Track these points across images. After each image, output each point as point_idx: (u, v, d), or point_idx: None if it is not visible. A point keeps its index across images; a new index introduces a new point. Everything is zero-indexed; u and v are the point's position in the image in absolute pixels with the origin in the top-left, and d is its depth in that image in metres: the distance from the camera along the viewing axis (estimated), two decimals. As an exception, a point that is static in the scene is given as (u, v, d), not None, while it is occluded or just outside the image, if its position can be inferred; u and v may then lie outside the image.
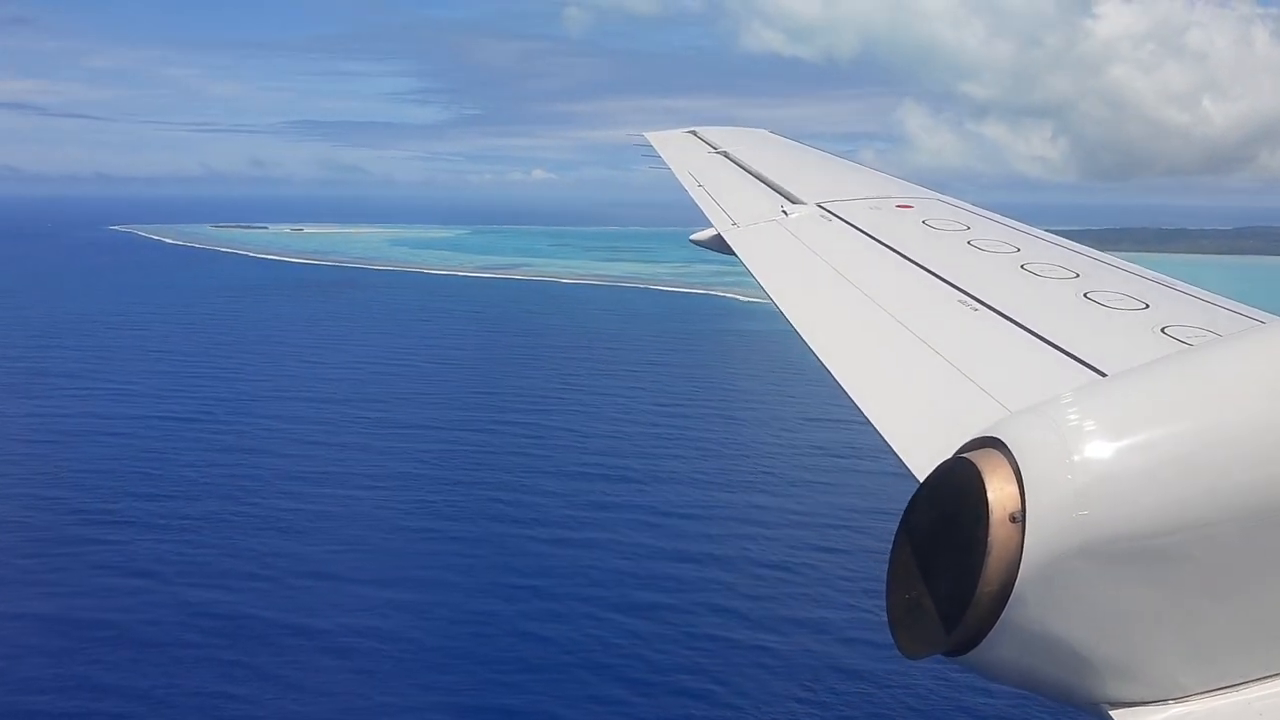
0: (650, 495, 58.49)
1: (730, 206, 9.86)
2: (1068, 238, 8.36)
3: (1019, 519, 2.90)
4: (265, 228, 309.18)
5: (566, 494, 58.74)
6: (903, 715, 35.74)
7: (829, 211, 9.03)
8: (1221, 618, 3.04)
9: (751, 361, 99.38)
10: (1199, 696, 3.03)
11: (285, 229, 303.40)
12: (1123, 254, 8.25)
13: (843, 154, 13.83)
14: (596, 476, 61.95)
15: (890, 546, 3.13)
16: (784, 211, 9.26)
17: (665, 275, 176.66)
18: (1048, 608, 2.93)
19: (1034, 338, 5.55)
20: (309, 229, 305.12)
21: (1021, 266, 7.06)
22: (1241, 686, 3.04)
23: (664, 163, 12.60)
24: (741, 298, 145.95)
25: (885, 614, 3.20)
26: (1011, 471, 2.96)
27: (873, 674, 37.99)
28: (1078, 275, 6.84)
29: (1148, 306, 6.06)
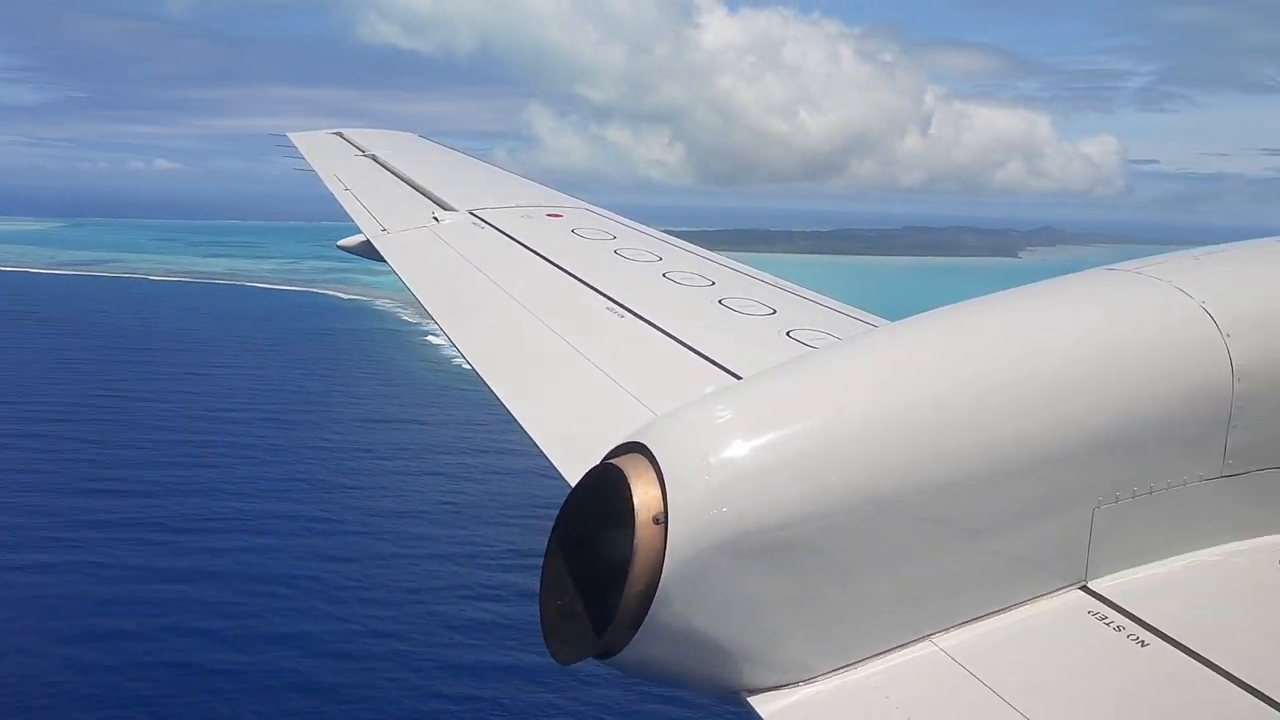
0: (161, 510, 53.93)
1: (379, 212, 9.84)
2: (687, 239, 9.00)
3: (662, 520, 3.07)
4: None
5: (62, 513, 52.88)
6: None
7: (480, 219, 9.18)
8: (841, 600, 3.28)
9: (329, 361, 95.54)
10: (826, 676, 3.27)
11: None
12: (734, 254, 8.90)
13: (477, 153, 14.26)
14: (105, 492, 56.35)
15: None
16: (435, 218, 9.34)
17: (270, 272, 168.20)
18: (690, 604, 3.10)
19: (677, 344, 5.86)
20: None
21: (664, 275, 7.47)
22: (861, 663, 3.30)
23: (308, 164, 12.29)
24: (344, 295, 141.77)
25: (539, 620, 3.29)
26: (655, 474, 3.14)
27: (334, 688, 36.47)
28: (713, 283, 7.29)
29: (775, 312, 6.55)
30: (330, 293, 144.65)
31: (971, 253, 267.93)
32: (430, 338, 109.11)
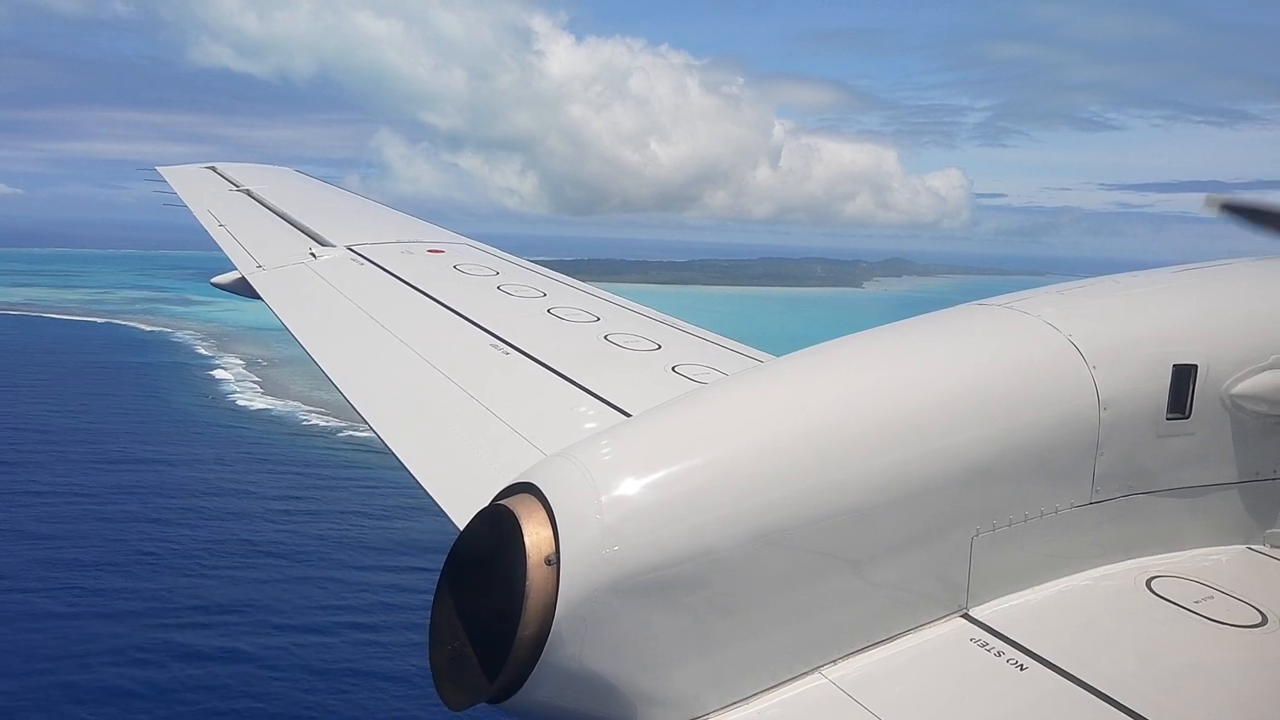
0: None
1: (255, 248, 9.59)
2: (548, 268, 9.17)
3: (554, 561, 3.05)
4: None
5: None
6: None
7: (360, 255, 9.08)
8: (733, 636, 3.29)
9: (93, 397, 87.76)
10: (719, 712, 3.27)
11: None
12: (593, 283, 8.82)
13: (329, 180, 12.79)
14: None
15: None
16: (312, 254, 9.21)
17: (72, 302, 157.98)
18: (584, 644, 3.07)
19: (564, 381, 5.86)
20: None
21: (548, 311, 7.47)
22: (753, 698, 3.31)
23: (179, 199, 12.00)
24: (145, 327, 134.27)
25: (429, 666, 3.17)
26: (546, 515, 3.13)
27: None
28: (598, 319, 7.35)
29: (660, 347, 6.67)
30: (132, 324, 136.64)
31: (819, 283, 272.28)
32: (216, 372, 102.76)
